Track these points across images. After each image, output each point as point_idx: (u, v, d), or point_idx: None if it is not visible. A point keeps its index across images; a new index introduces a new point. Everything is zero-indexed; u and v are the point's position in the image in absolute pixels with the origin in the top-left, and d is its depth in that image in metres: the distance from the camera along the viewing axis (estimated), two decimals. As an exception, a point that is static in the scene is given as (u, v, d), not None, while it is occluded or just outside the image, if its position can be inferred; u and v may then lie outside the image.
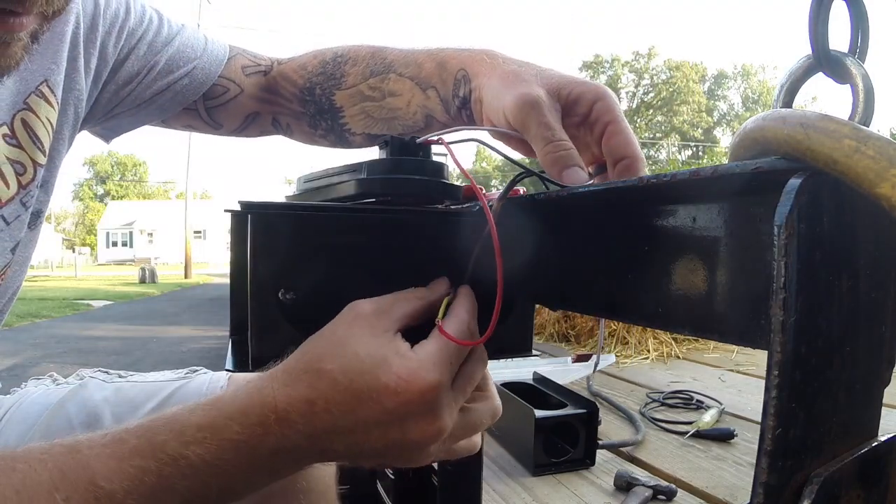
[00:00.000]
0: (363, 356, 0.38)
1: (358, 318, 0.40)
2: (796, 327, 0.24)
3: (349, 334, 0.39)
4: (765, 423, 0.24)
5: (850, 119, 0.30)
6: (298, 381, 0.38)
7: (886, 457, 0.29)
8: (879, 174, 0.22)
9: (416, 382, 0.37)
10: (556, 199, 0.45)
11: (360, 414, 0.37)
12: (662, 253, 0.36)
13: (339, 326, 0.40)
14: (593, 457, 1.39)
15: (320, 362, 0.38)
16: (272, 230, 0.45)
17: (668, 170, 1.75)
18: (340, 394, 0.37)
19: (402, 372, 0.37)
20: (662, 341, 2.75)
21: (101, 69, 0.63)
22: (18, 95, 0.55)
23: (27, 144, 0.56)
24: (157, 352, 4.65)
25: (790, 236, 0.23)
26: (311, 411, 0.37)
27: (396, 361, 0.38)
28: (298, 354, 0.40)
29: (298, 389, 0.37)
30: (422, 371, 0.38)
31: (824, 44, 0.31)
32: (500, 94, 0.51)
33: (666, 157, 46.76)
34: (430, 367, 0.38)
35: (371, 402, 0.37)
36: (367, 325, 0.40)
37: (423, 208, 0.52)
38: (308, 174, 0.59)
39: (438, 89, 0.58)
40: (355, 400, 0.37)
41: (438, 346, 0.40)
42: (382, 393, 0.37)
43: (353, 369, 0.37)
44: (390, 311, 0.41)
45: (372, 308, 0.41)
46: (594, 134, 0.51)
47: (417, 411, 0.38)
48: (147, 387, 0.74)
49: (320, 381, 0.37)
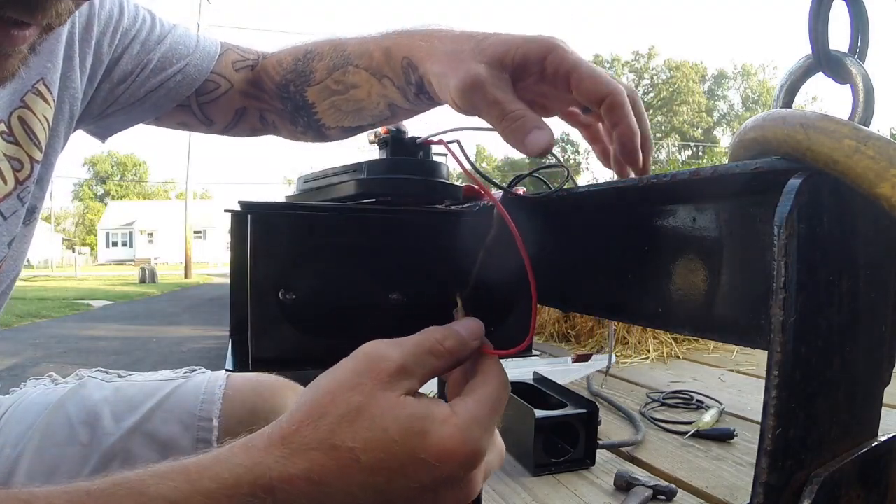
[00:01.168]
0: (394, 432, 0.32)
1: (379, 379, 0.34)
2: (796, 327, 0.24)
3: (371, 404, 0.33)
4: (765, 423, 0.24)
5: (850, 119, 0.30)
6: (303, 456, 0.32)
7: (886, 457, 0.29)
8: (879, 174, 0.22)
9: (460, 452, 0.32)
10: (556, 200, 0.45)
11: (389, 493, 0.32)
12: (662, 253, 0.36)
13: (357, 391, 0.33)
14: (593, 457, 1.40)
15: (334, 436, 0.32)
16: (272, 230, 0.45)
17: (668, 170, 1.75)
18: (364, 473, 0.32)
19: (447, 443, 0.32)
20: (662, 341, 2.75)
21: (97, 68, 0.63)
22: (15, 94, 0.55)
23: (24, 141, 0.56)
24: (157, 352, 4.65)
25: (790, 236, 0.23)
26: (319, 493, 0.31)
27: (437, 431, 0.32)
28: (302, 420, 0.33)
29: (300, 466, 0.32)
30: (467, 439, 0.33)
31: (824, 44, 0.31)
32: (443, 81, 0.48)
33: (666, 157, 46.79)
34: (476, 431, 0.33)
35: (404, 478, 0.32)
36: (392, 388, 0.34)
37: (423, 208, 0.52)
38: (308, 174, 0.59)
39: (392, 78, 0.57)
40: (384, 479, 0.32)
41: (481, 403, 0.35)
42: (420, 468, 0.32)
43: (382, 447, 0.32)
44: (417, 368, 0.35)
45: (397, 365, 0.34)
46: (559, 87, 0.48)
47: (455, 479, 0.33)
48: (146, 386, 0.74)
49: (335, 460, 0.32)
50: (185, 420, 0.73)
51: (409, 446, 0.32)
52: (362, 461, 0.32)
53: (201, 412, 0.73)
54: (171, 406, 0.74)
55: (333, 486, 0.32)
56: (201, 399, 0.75)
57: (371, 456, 0.32)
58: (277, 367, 0.49)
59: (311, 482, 0.31)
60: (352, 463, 0.32)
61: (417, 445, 0.32)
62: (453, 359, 0.37)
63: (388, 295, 0.48)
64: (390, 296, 0.48)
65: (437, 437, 0.32)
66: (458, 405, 0.34)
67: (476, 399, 0.35)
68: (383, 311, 0.48)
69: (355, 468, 0.32)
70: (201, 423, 0.73)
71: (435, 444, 0.32)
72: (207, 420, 0.73)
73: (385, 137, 0.53)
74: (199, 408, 0.74)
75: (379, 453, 0.32)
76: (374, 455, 0.32)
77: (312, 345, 0.47)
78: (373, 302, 0.48)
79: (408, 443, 0.32)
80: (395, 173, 0.50)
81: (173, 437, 0.72)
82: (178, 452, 0.70)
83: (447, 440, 0.32)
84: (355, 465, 0.32)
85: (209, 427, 0.73)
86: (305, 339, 0.46)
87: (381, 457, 0.32)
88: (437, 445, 0.32)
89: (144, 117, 0.71)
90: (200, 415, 0.73)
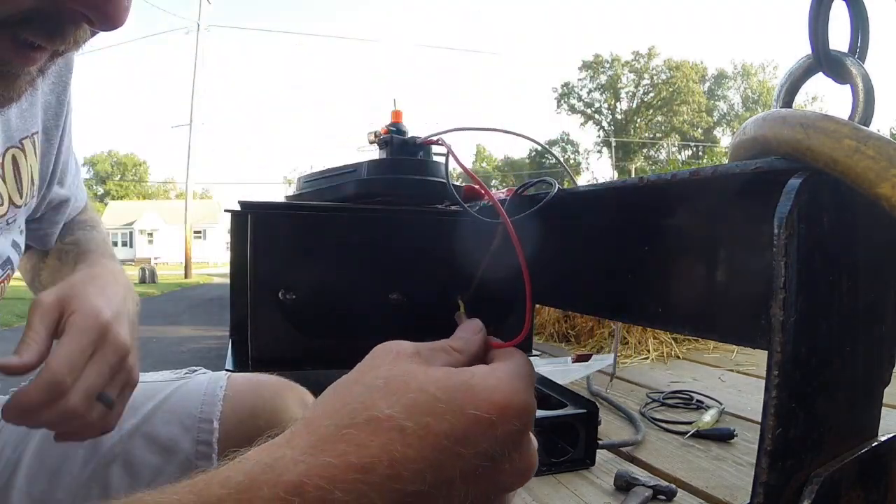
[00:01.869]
0: (435, 390, 0.28)
1: (401, 355, 0.32)
2: (796, 327, 0.24)
3: (400, 373, 0.30)
4: (765, 423, 0.24)
5: (850, 119, 0.30)
6: (337, 438, 0.27)
7: (886, 457, 0.29)
8: (879, 174, 0.22)
9: (513, 403, 0.29)
10: (556, 200, 0.45)
11: (444, 469, 0.27)
12: (662, 253, 0.36)
13: (381, 367, 0.31)
14: (593, 457, 1.40)
15: (370, 407, 0.28)
16: (272, 230, 0.45)
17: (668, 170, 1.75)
18: (412, 447, 0.27)
19: (496, 395, 0.29)
20: (662, 341, 2.75)
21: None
22: (16, 133, 0.59)
23: (10, 182, 0.60)
24: (158, 352, 4.65)
25: (790, 236, 0.23)
26: (361, 484, 0.26)
27: (482, 383, 0.29)
28: (327, 403, 0.30)
29: (334, 451, 0.26)
30: (516, 389, 0.30)
31: (824, 44, 0.31)
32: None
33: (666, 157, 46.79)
34: (520, 383, 0.30)
35: (458, 444, 0.27)
36: (420, 360, 0.32)
37: (422, 208, 0.52)
38: (308, 174, 0.59)
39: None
40: (436, 451, 0.27)
41: (516, 363, 0.32)
42: (473, 428, 0.28)
43: (426, 409, 0.28)
44: (433, 358, 0.33)
45: (413, 349, 0.33)
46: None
47: (513, 439, 0.29)
48: (146, 387, 0.74)
49: (375, 435, 0.27)
50: (186, 422, 0.73)
51: (457, 403, 0.28)
52: (407, 429, 0.27)
53: (202, 413, 0.73)
54: (171, 407, 0.74)
55: (377, 471, 0.26)
56: (202, 400, 0.75)
57: (416, 422, 0.27)
58: (277, 367, 0.49)
59: (349, 468, 0.26)
60: (396, 435, 0.27)
61: (464, 400, 0.28)
62: (467, 354, 0.35)
63: (388, 295, 0.48)
64: (390, 296, 0.48)
65: (483, 389, 0.29)
66: (495, 363, 0.32)
67: (509, 362, 0.33)
68: (383, 311, 0.48)
69: (400, 442, 0.27)
70: (202, 425, 0.73)
71: (484, 396, 0.28)
72: (208, 422, 0.73)
73: (385, 137, 0.53)
74: (199, 409, 0.74)
75: (424, 417, 0.27)
76: (420, 420, 0.27)
77: (312, 345, 0.47)
78: (373, 302, 0.48)
79: (455, 399, 0.28)
80: (395, 173, 0.50)
81: (174, 439, 0.72)
82: (178, 454, 0.71)
83: (495, 391, 0.29)
84: (400, 437, 0.27)
85: (210, 429, 0.73)
86: (305, 339, 0.46)
87: (426, 421, 0.27)
88: (486, 397, 0.28)
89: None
90: (201, 416, 0.73)
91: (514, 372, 0.31)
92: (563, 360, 2.43)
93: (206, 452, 0.72)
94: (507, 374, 0.31)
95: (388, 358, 0.31)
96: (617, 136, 47.48)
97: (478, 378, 0.29)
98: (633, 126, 48.09)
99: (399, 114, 0.65)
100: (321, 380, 0.50)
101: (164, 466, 0.71)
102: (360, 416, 0.27)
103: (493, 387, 0.29)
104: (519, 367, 0.32)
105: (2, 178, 0.59)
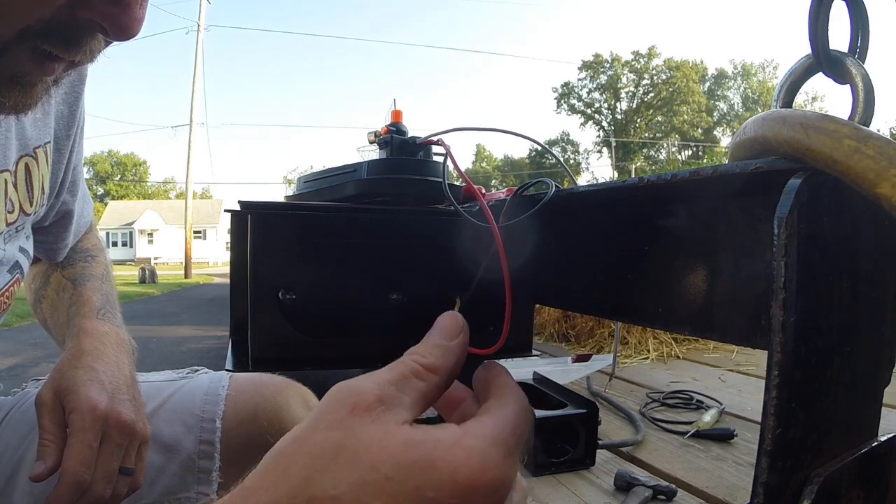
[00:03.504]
0: (387, 468, 0.24)
1: (356, 413, 0.26)
2: (796, 327, 0.24)
3: (351, 438, 0.25)
4: (765, 423, 0.24)
5: (850, 119, 0.30)
6: None
7: (886, 457, 0.29)
8: (879, 174, 0.22)
9: (481, 482, 0.25)
10: (556, 200, 0.45)
11: None
12: (662, 253, 0.36)
13: (331, 428, 0.26)
14: (593, 457, 1.40)
15: (310, 485, 0.24)
16: (272, 230, 0.45)
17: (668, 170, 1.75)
18: None
19: (461, 473, 0.25)
20: (662, 341, 2.75)
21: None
22: (30, 141, 0.61)
23: (21, 189, 0.62)
24: (158, 352, 4.64)
25: (790, 236, 0.23)
26: None
27: (445, 458, 0.25)
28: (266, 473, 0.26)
29: None
30: (486, 465, 0.25)
31: (824, 44, 0.31)
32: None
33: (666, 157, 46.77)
34: (495, 454, 0.26)
35: None
36: (375, 420, 0.26)
37: (422, 208, 0.52)
38: (308, 174, 0.59)
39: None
40: None
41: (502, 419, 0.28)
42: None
43: (375, 491, 0.24)
44: (401, 395, 0.28)
45: (375, 396, 0.27)
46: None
47: None
48: (148, 387, 0.74)
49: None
50: (188, 421, 0.73)
51: (412, 484, 0.24)
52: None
53: (204, 413, 0.73)
54: (173, 406, 0.74)
55: None
56: (204, 400, 0.75)
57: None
58: (277, 367, 0.49)
59: None
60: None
61: (422, 481, 0.24)
62: (444, 372, 0.30)
63: (389, 295, 0.48)
64: (390, 296, 0.48)
65: (446, 466, 0.25)
66: (470, 424, 0.27)
67: (494, 417, 0.28)
68: (383, 312, 0.48)
69: None
70: (204, 424, 0.73)
71: (446, 476, 0.24)
72: (210, 421, 0.73)
73: (385, 137, 0.53)
74: (201, 408, 0.74)
75: (371, 499, 0.24)
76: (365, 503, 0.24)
77: (312, 345, 0.47)
78: (373, 302, 0.48)
79: (409, 480, 0.24)
80: (395, 173, 0.50)
81: (176, 438, 0.72)
82: (180, 453, 0.71)
83: (459, 469, 0.25)
84: None
85: (212, 428, 0.73)
86: (305, 339, 0.46)
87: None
88: (448, 477, 0.24)
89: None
90: (203, 415, 0.73)
91: (490, 437, 0.26)
92: (563, 360, 2.43)
93: (209, 452, 0.72)
94: (481, 441, 0.26)
95: (342, 413, 0.26)
96: (617, 136, 47.47)
97: (441, 451, 0.25)
98: (633, 126, 48.07)
99: (399, 114, 0.65)
100: (321, 380, 0.50)
101: (167, 465, 0.71)
102: (300, 494, 0.24)
103: (460, 463, 0.25)
104: (502, 424, 0.27)
105: (14, 186, 0.59)
